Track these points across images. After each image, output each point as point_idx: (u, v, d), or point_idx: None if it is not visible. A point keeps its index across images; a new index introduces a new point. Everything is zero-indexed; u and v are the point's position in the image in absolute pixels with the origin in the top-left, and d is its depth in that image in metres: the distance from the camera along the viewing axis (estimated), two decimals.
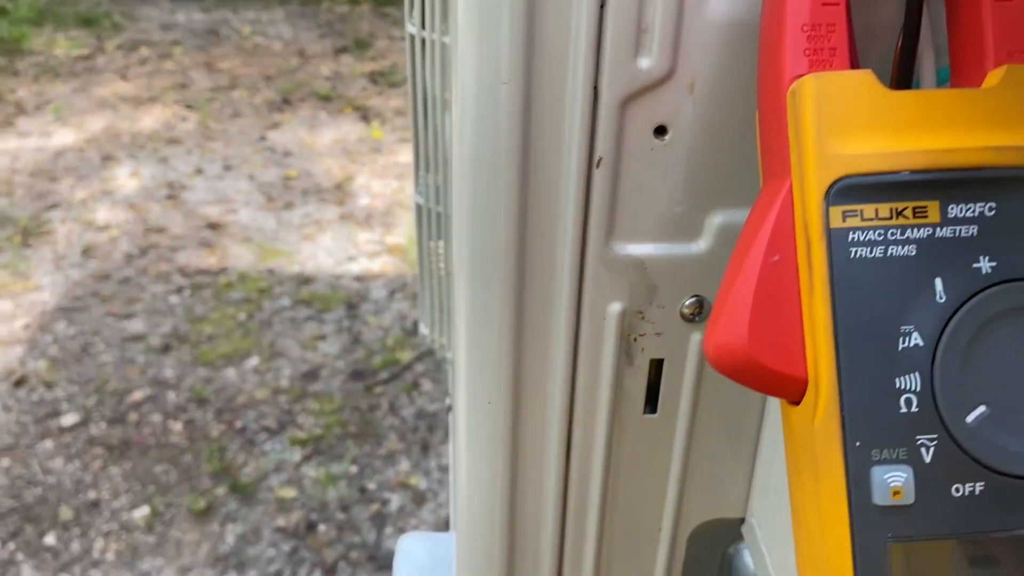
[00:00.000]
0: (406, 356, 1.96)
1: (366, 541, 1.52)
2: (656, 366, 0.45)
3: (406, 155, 2.84)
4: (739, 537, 0.52)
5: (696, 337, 0.44)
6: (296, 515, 1.57)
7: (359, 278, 2.25)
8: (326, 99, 3.23)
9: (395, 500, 1.61)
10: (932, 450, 0.28)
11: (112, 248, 2.34)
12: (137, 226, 2.44)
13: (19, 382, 1.84)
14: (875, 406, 0.28)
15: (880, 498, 0.28)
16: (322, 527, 1.55)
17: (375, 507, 1.59)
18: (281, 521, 1.56)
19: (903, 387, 0.28)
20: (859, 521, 0.28)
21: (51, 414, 1.76)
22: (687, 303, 0.43)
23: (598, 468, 0.47)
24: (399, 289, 2.21)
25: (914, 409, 0.28)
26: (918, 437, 0.28)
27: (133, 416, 1.76)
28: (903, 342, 0.28)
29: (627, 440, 0.47)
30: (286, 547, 1.51)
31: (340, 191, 2.67)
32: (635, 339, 0.44)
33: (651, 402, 0.46)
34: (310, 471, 1.66)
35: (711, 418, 0.46)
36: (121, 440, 1.70)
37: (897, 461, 0.28)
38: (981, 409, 0.28)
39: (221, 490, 1.60)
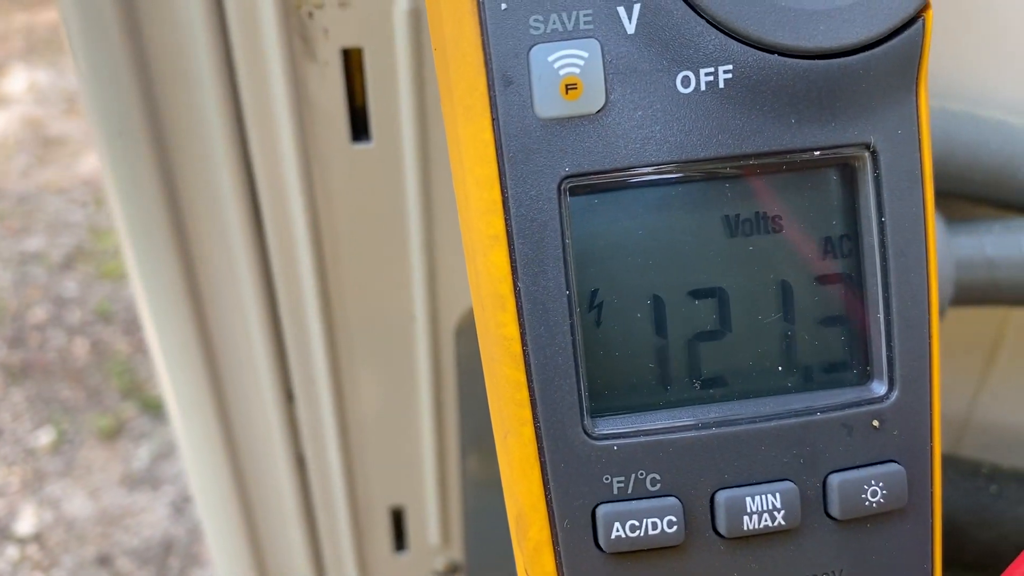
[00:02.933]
0: None
1: None
2: (354, 60, 0.30)
3: None
4: None
5: (403, 3, 0.28)
6: None
7: None
8: None
9: None
10: None
11: (7, 163, 2.20)
12: (35, 138, 2.29)
13: None
14: None
15: None
16: None
17: None
18: None
19: None
20: None
21: None
22: None
23: (300, 225, 0.32)
24: None
25: None
26: None
27: (35, 337, 1.67)
28: None
29: (335, 181, 0.31)
30: None
31: None
32: (310, 12, 0.29)
33: (359, 124, 0.31)
34: None
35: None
36: (23, 362, 1.62)
37: None
38: None
39: (131, 408, 1.54)
